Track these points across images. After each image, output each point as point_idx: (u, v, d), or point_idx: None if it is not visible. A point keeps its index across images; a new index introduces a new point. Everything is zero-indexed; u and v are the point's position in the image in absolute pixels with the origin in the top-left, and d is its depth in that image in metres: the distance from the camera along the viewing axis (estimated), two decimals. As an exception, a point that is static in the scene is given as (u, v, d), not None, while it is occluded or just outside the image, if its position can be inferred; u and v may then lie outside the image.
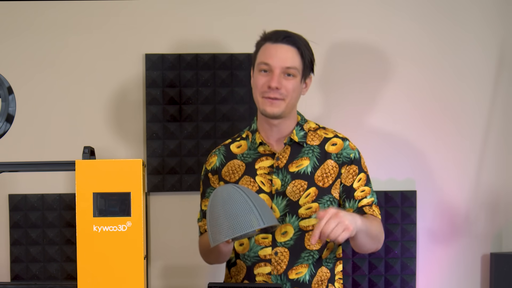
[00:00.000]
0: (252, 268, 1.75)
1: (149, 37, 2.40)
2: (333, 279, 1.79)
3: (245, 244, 1.76)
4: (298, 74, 1.70)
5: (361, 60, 2.44)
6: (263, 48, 1.71)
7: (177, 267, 2.43)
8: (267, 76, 1.69)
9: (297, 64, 1.69)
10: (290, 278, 1.72)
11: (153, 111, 2.38)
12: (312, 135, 1.79)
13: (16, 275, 2.35)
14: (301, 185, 1.72)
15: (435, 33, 2.46)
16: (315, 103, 2.43)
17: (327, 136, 1.79)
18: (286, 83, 1.68)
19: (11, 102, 1.22)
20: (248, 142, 1.81)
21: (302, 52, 1.70)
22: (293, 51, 1.69)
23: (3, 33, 2.38)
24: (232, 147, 1.83)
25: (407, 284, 2.41)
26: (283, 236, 1.72)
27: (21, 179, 2.36)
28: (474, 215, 2.49)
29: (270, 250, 1.73)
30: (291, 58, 1.68)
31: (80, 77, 2.39)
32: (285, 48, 1.68)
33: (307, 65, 1.73)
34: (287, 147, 1.76)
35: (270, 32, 1.73)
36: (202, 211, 1.84)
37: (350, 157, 1.76)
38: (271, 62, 1.68)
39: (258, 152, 1.78)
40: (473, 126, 2.48)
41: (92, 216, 1.21)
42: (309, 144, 1.76)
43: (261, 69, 1.70)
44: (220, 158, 1.82)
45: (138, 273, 1.22)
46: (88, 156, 1.23)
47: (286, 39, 1.69)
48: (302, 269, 1.73)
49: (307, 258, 1.73)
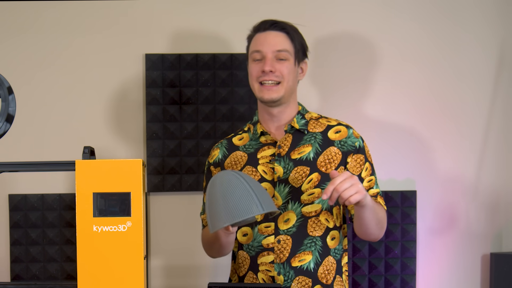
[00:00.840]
0: (255, 258, 1.75)
1: (149, 37, 2.40)
2: (341, 270, 1.79)
3: (249, 234, 1.76)
4: (290, 57, 1.73)
5: (361, 60, 2.44)
6: (254, 39, 1.77)
7: (177, 267, 2.43)
8: (260, 63, 1.73)
9: (287, 46, 1.73)
10: (293, 266, 1.72)
11: (153, 111, 2.38)
12: (314, 123, 1.80)
13: (16, 275, 2.35)
14: (304, 171, 1.72)
15: (435, 33, 2.46)
16: (314, 103, 2.43)
17: (330, 124, 1.80)
18: (280, 66, 1.72)
19: (11, 102, 1.22)
20: (250, 134, 1.83)
21: (291, 35, 1.74)
22: (282, 35, 1.74)
23: (3, 33, 2.38)
24: (234, 139, 1.85)
25: (407, 284, 2.41)
26: (286, 224, 1.73)
27: (21, 179, 2.36)
28: (474, 215, 2.49)
29: (273, 238, 1.73)
30: (281, 42, 1.73)
31: (80, 77, 2.39)
32: (273, 34, 1.74)
33: (298, 48, 1.76)
34: (288, 135, 1.77)
35: (257, 24, 1.78)
36: (204, 204, 1.85)
37: (355, 146, 1.76)
38: (261, 48, 1.72)
39: (260, 142, 1.79)
40: (473, 126, 2.48)
41: (92, 216, 1.21)
42: (311, 131, 1.78)
43: (254, 58, 1.75)
44: (223, 150, 1.84)
45: (138, 273, 1.22)
46: (88, 156, 1.23)
47: (274, 25, 1.74)
48: (305, 256, 1.72)
49: (310, 245, 1.72)
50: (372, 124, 2.44)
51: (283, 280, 1.71)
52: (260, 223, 1.74)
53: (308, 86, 2.41)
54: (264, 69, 1.70)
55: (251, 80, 1.76)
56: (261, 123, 1.81)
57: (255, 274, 1.76)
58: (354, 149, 1.76)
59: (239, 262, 1.81)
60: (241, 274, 1.80)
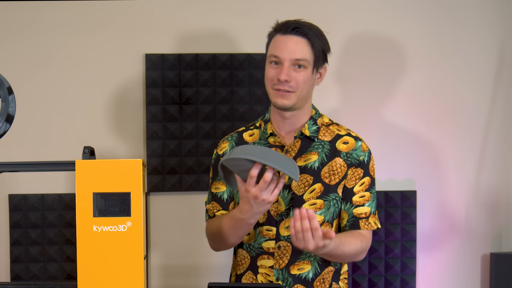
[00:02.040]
0: (256, 259, 1.75)
1: (149, 37, 2.40)
2: (338, 278, 1.77)
3: (251, 233, 1.75)
4: (309, 66, 1.68)
5: (361, 61, 2.44)
6: (274, 40, 1.71)
7: (177, 267, 2.43)
8: (277, 69, 1.68)
9: (307, 55, 1.67)
10: (292, 273, 1.72)
11: (153, 111, 2.38)
12: (325, 130, 1.77)
13: (16, 275, 2.35)
14: (307, 180, 1.71)
15: (435, 33, 2.46)
16: (315, 103, 2.42)
17: (339, 133, 1.77)
18: (297, 75, 1.67)
19: (11, 102, 1.23)
20: (260, 131, 1.80)
21: (313, 42, 1.68)
22: (303, 42, 1.67)
23: (3, 34, 2.38)
24: (245, 135, 1.82)
25: (407, 284, 2.41)
26: (287, 230, 1.71)
27: (21, 179, 2.36)
28: (474, 215, 2.49)
29: (274, 243, 1.72)
30: (301, 49, 1.66)
31: (80, 77, 2.39)
32: (294, 40, 1.67)
33: (319, 55, 1.70)
34: (297, 140, 1.75)
35: (281, 23, 1.71)
36: (211, 194, 1.81)
37: (359, 160, 1.74)
38: (280, 54, 1.67)
39: (268, 143, 1.77)
40: (473, 126, 2.48)
41: (92, 216, 1.21)
42: (320, 139, 1.75)
43: (271, 61, 1.70)
44: (232, 144, 1.81)
45: (138, 273, 1.22)
46: (88, 156, 1.23)
47: (296, 30, 1.67)
48: (305, 265, 1.72)
49: (309, 254, 1.72)
50: (372, 124, 2.44)
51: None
52: (262, 225, 1.73)
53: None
54: (280, 78, 1.65)
55: (266, 83, 1.72)
56: (272, 123, 1.78)
57: (254, 275, 1.76)
58: (357, 162, 1.73)
59: (238, 260, 1.81)
60: (239, 272, 1.80)
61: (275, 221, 1.72)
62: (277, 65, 1.68)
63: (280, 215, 1.72)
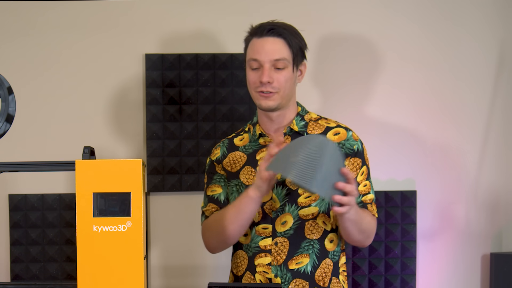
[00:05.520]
0: (253, 258, 1.76)
1: (149, 37, 2.40)
2: (337, 272, 1.78)
3: (249, 234, 1.76)
4: (288, 64, 1.70)
5: (361, 61, 2.45)
6: (251, 44, 1.73)
7: (177, 267, 2.43)
8: (258, 72, 1.70)
9: (285, 54, 1.69)
10: (290, 269, 1.72)
11: (153, 111, 2.38)
12: (314, 124, 1.79)
13: (16, 275, 2.35)
14: None
15: (435, 34, 2.46)
16: (314, 103, 2.43)
17: (329, 126, 1.79)
18: (278, 76, 1.69)
19: (11, 102, 1.23)
20: (250, 135, 1.82)
21: (289, 41, 1.70)
22: (280, 42, 1.69)
23: (3, 34, 2.38)
24: (236, 140, 1.85)
25: (407, 284, 2.41)
26: (283, 226, 1.72)
27: (21, 179, 2.36)
28: (474, 215, 2.49)
29: (270, 240, 1.73)
30: (279, 49, 1.69)
31: (80, 77, 2.39)
32: (271, 41, 1.69)
33: (297, 53, 1.72)
34: (287, 137, 1.76)
35: (255, 26, 1.74)
36: (207, 197, 1.83)
37: (353, 149, 1.76)
38: (259, 57, 1.69)
39: (258, 144, 1.79)
40: (473, 126, 2.48)
41: (92, 216, 1.21)
42: (309, 133, 1.76)
43: (251, 66, 1.72)
44: (223, 150, 1.84)
45: (138, 273, 1.22)
46: (88, 156, 1.23)
47: (271, 31, 1.69)
48: (303, 259, 1.72)
49: (307, 247, 1.72)
50: (372, 124, 2.44)
51: (280, 282, 1.71)
52: (258, 224, 1.74)
53: (308, 86, 2.41)
54: (262, 80, 1.68)
55: (249, 87, 1.75)
56: (260, 125, 1.80)
57: (252, 274, 1.76)
58: (352, 152, 1.75)
59: (237, 262, 1.81)
60: (238, 274, 1.80)
61: (270, 218, 1.73)
62: (257, 69, 1.71)
63: (275, 212, 1.73)
